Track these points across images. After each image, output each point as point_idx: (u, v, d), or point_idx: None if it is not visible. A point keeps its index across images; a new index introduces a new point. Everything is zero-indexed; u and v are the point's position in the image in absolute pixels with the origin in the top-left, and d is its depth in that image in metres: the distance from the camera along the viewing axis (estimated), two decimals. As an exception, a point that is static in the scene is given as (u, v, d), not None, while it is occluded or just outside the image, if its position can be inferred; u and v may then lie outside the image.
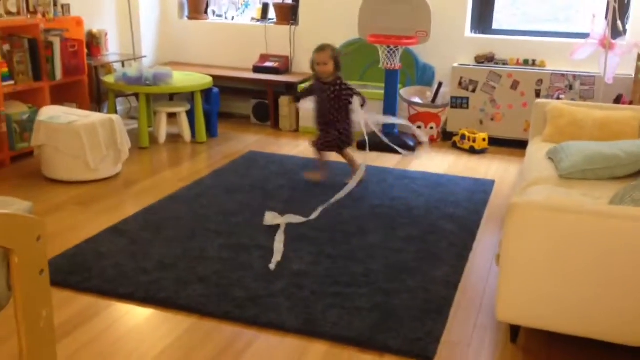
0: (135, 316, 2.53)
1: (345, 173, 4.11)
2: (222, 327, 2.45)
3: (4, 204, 1.35)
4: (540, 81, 4.98)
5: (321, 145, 4.13)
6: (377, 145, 4.97)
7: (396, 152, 4.36)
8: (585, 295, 2.13)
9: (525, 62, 5.20)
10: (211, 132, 5.26)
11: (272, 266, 2.89)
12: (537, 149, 3.53)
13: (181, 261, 2.94)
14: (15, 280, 1.23)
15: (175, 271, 2.84)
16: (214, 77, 5.26)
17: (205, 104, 5.14)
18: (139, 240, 3.16)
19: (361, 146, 4.26)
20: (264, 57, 5.81)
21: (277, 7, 5.87)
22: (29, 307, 1.24)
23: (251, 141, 5.19)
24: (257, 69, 5.72)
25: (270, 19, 5.98)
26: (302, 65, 5.80)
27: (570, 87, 4.93)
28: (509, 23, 5.48)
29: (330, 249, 3.11)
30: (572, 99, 4.83)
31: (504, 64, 5.22)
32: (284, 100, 5.51)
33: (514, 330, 2.38)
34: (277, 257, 2.97)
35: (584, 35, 4.73)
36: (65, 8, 4.75)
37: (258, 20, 6.00)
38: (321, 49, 3.98)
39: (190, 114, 5.07)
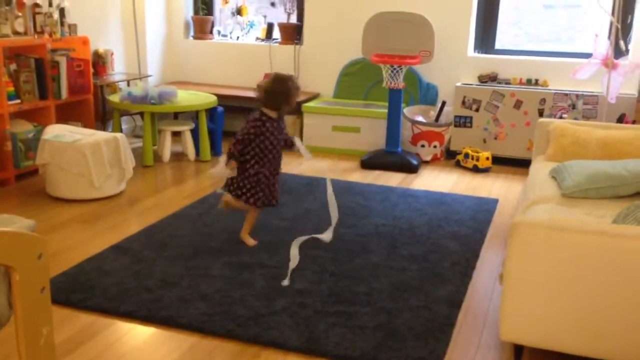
0: (137, 335, 2.52)
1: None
2: (224, 346, 2.44)
3: (6, 222, 1.36)
4: (543, 100, 4.99)
5: (272, 201, 3.36)
6: (379, 165, 4.98)
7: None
8: (589, 314, 2.11)
9: (528, 82, 5.22)
10: (215, 150, 5.27)
11: (290, 269, 2.93)
12: (540, 168, 3.53)
13: (184, 279, 2.94)
14: (16, 298, 1.23)
15: (178, 289, 2.84)
16: (219, 96, 5.30)
17: (209, 123, 5.16)
18: (142, 259, 3.16)
19: None
20: (268, 77, 5.84)
21: (282, 27, 5.92)
22: (29, 325, 1.24)
23: (255, 160, 5.19)
24: (261, 88, 5.74)
25: (274, 39, 6.03)
26: (307, 84, 5.83)
27: (573, 107, 4.94)
28: (511, 43, 5.51)
29: (333, 268, 3.10)
30: (575, 118, 4.84)
31: (507, 84, 5.24)
32: (287, 119, 5.52)
33: (518, 350, 2.37)
34: (293, 262, 2.98)
35: (587, 55, 4.75)
36: (72, 28, 4.81)
37: (263, 40, 6.06)
38: (289, 77, 3.33)
39: (195, 133, 5.09)
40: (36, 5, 4.56)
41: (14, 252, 1.18)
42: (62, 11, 4.70)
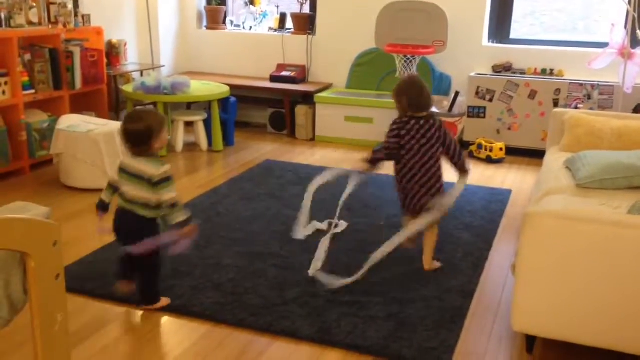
0: (150, 323, 2.54)
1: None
2: (236, 335, 2.45)
3: (22, 209, 1.37)
4: (558, 90, 4.95)
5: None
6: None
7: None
8: (602, 305, 2.10)
9: (543, 72, 5.17)
10: (228, 140, 5.29)
11: (311, 272, 2.87)
12: (554, 159, 3.50)
13: (197, 268, 2.95)
14: (31, 284, 1.25)
15: (191, 278, 2.85)
16: (231, 87, 5.30)
17: (222, 113, 5.17)
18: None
19: None
20: (281, 67, 5.85)
21: (295, 17, 5.90)
22: (44, 311, 1.26)
23: (267, 150, 5.21)
24: (274, 79, 5.75)
25: (287, 29, 6.02)
26: (319, 74, 5.83)
27: (589, 97, 4.89)
28: (527, 33, 5.45)
29: (345, 258, 3.10)
30: (591, 109, 4.79)
31: (521, 74, 5.19)
32: (300, 110, 5.53)
33: (530, 341, 2.36)
34: (317, 264, 2.92)
35: (603, 45, 4.70)
36: (86, 18, 4.83)
37: (275, 30, 6.05)
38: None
39: (207, 123, 5.11)
40: (50, -5, 4.58)
41: (29, 239, 1.20)
42: (76, 1, 4.73)
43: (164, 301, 2.64)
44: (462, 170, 3.02)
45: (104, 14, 5.24)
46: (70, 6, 4.64)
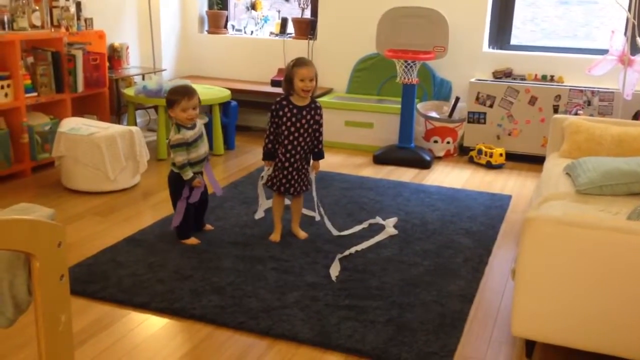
0: (150, 326, 2.55)
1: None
2: (236, 338, 2.46)
3: (26, 210, 1.38)
4: (558, 97, 4.97)
5: (295, 190, 3.31)
6: (392, 160, 4.99)
7: None
8: (602, 310, 2.11)
9: (544, 78, 5.19)
10: (228, 144, 5.30)
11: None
12: (554, 165, 3.51)
13: (197, 272, 2.96)
14: (35, 285, 1.26)
15: (191, 281, 2.86)
16: (233, 91, 5.32)
17: (223, 117, 5.19)
18: (156, 251, 3.19)
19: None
20: (282, 71, 5.86)
21: (296, 22, 5.93)
22: (48, 311, 1.27)
23: (268, 154, 5.21)
24: (275, 83, 5.77)
25: (288, 34, 6.04)
26: (320, 79, 5.81)
27: (589, 103, 4.91)
28: (527, 39, 5.48)
29: (345, 262, 3.11)
30: (591, 115, 4.81)
31: (521, 80, 5.22)
32: (301, 114, 5.54)
33: (530, 346, 2.37)
34: (335, 271, 2.99)
35: (603, 51, 4.72)
36: (88, 22, 4.85)
37: (277, 35, 6.07)
38: (308, 62, 3.26)
39: (208, 127, 5.12)
40: (53, -1, 4.61)
41: (34, 239, 1.21)
42: (78, 5, 4.75)
43: (193, 240, 3.28)
44: None
45: (106, 18, 5.27)
46: (72, 10, 4.66)
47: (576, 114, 4.81)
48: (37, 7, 4.43)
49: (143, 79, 5.55)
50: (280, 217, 3.40)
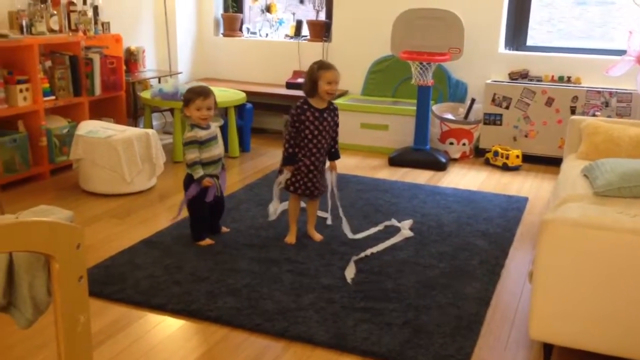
0: (167, 327, 2.56)
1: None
2: (252, 339, 2.46)
3: (46, 213, 1.40)
4: (575, 98, 4.92)
5: (319, 192, 3.34)
6: (407, 162, 4.98)
7: None
8: (620, 313, 2.09)
9: (560, 79, 5.15)
10: (244, 146, 5.32)
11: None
12: (571, 166, 3.48)
13: (213, 274, 2.98)
14: (55, 286, 1.27)
15: (207, 283, 2.87)
16: (248, 93, 5.34)
17: (238, 119, 5.21)
18: (172, 253, 3.21)
19: None
20: (297, 74, 5.88)
21: (311, 24, 5.94)
22: (67, 312, 1.28)
23: (283, 156, 5.23)
24: (289, 85, 5.78)
25: (303, 36, 6.05)
26: (335, 81, 5.84)
27: (607, 104, 4.86)
28: (544, 40, 5.44)
29: (360, 264, 3.11)
30: (609, 116, 4.76)
31: (538, 81, 5.18)
32: (316, 116, 5.54)
33: (547, 349, 2.35)
34: (350, 273, 3.00)
35: (621, 52, 4.68)
36: (105, 26, 4.90)
37: (291, 37, 6.08)
38: (332, 65, 3.23)
39: (224, 129, 5.14)
40: (71, 3, 4.66)
41: (53, 241, 1.22)
42: (95, 9, 4.80)
43: (208, 241, 3.31)
44: None
45: (123, 22, 5.31)
46: (90, 14, 4.71)
47: (594, 115, 4.77)
48: (55, 12, 4.49)
49: (159, 82, 5.59)
50: (296, 219, 3.40)
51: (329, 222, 3.59)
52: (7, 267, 1.40)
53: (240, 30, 6.28)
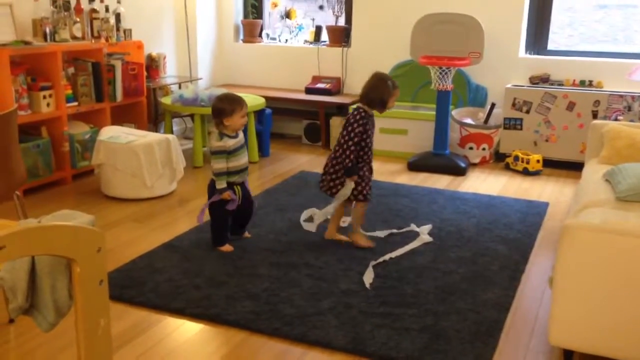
0: (186, 331, 2.58)
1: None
2: (270, 344, 2.47)
3: (67, 217, 1.42)
4: (597, 102, 4.87)
5: (368, 194, 3.37)
6: (426, 167, 4.95)
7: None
8: (643, 321, 2.06)
9: (582, 83, 5.09)
10: (263, 151, 5.35)
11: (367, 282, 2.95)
12: (593, 171, 3.44)
13: (232, 278, 2.99)
14: (76, 289, 1.29)
15: (226, 288, 2.89)
16: (267, 98, 5.37)
17: (257, 124, 5.23)
18: (192, 257, 3.23)
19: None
20: (316, 79, 5.90)
21: (330, 29, 5.95)
22: (88, 315, 1.30)
23: (302, 161, 5.25)
24: (309, 90, 5.80)
25: (323, 42, 6.07)
26: (354, 86, 5.86)
27: (629, 108, 4.80)
28: (565, 44, 5.39)
29: (379, 269, 3.10)
30: (631, 120, 4.70)
31: (559, 85, 5.13)
32: (335, 121, 5.56)
33: (568, 356, 2.32)
34: (369, 278, 3.00)
35: (643, 55, 4.61)
36: (127, 32, 4.96)
37: (311, 43, 6.10)
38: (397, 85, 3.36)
39: (244, 134, 5.16)
40: (93, 10, 4.73)
41: (75, 245, 1.24)
42: (117, 16, 4.86)
43: (228, 247, 3.30)
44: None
45: (144, 29, 5.38)
46: (112, 21, 4.78)
47: (616, 119, 4.71)
48: (78, 19, 4.56)
49: (179, 87, 5.65)
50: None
51: (345, 224, 3.59)
52: (29, 271, 1.42)
53: (260, 36, 6.32)
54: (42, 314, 1.48)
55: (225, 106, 3.23)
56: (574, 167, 4.90)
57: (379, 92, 3.24)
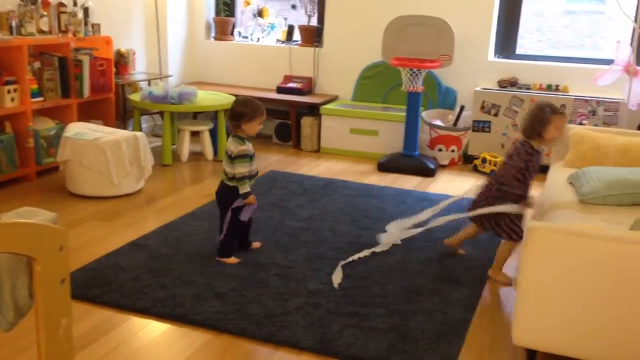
0: (151, 331, 2.55)
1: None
2: (238, 344, 2.46)
3: (29, 214, 1.39)
4: (563, 106, 4.96)
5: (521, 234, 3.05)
6: (396, 168, 4.99)
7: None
8: (603, 320, 2.10)
9: (549, 87, 5.19)
10: (233, 151, 5.31)
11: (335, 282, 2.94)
12: (558, 174, 3.51)
13: (199, 277, 2.97)
14: (37, 288, 1.26)
15: (193, 287, 2.86)
16: (238, 97, 5.33)
17: (228, 123, 5.20)
18: (159, 256, 3.20)
19: None
20: (288, 78, 5.89)
21: (302, 29, 5.95)
22: (49, 315, 1.27)
23: (272, 160, 5.23)
24: (280, 90, 5.79)
25: (295, 41, 6.06)
26: (325, 86, 5.87)
27: (594, 113, 4.90)
28: (533, 48, 5.48)
29: (347, 269, 3.11)
30: (595, 125, 4.80)
31: (527, 89, 5.21)
32: (306, 121, 5.56)
33: (531, 355, 2.36)
34: (337, 278, 2.99)
35: (609, 62, 4.72)
36: (96, 27, 4.88)
37: (283, 42, 6.09)
38: (563, 111, 3.15)
39: (213, 133, 5.14)
40: (61, 4, 4.64)
41: (36, 243, 1.21)
42: (86, 11, 4.78)
43: (233, 260, 3.15)
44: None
45: (113, 24, 5.30)
46: (80, 15, 4.70)
47: (581, 123, 4.81)
48: (45, 13, 4.47)
49: (149, 84, 5.58)
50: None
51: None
52: (-12, 269, 1.39)
53: (232, 34, 6.28)
54: (2, 313, 1.44)
55: (247, 111, 3.12)
56: (539, 170, 4.97)
57: (533, 119, 3.06)
